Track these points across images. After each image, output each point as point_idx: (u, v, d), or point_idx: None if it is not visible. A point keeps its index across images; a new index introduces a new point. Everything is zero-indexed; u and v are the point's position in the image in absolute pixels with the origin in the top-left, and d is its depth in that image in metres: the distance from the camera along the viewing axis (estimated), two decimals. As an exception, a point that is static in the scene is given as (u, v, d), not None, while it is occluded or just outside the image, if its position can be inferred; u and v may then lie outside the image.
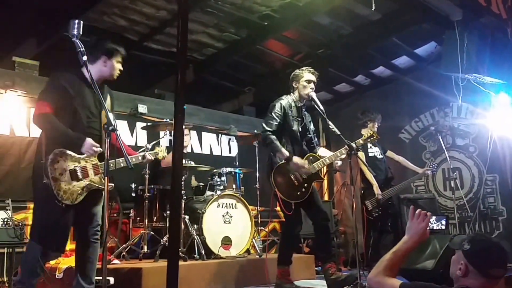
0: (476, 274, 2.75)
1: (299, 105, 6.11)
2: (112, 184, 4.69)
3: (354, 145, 5.75)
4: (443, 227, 6.39)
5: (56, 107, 4.36)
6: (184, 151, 7.70)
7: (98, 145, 4.42)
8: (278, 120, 5.90)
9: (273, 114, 5.91)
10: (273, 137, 5.80)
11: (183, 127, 2.48)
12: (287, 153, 5.77)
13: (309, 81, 6.04)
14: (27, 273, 4.36)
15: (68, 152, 4.32)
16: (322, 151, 6.18)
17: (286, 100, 6.04)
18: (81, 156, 4.39)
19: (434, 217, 7.03)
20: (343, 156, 5.87)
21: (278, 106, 5.96)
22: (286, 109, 5.96)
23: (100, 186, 4.48)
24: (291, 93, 6.16)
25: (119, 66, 4.75)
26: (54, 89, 4.42)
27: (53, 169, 4.23)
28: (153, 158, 5.19)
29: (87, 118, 4.48)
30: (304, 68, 6.22)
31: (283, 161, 5.81)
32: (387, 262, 2.98)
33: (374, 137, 6.17)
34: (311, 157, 5.94)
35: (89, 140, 4.37)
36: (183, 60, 2.55)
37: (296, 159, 5.77)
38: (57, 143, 4.32)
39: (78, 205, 4.38)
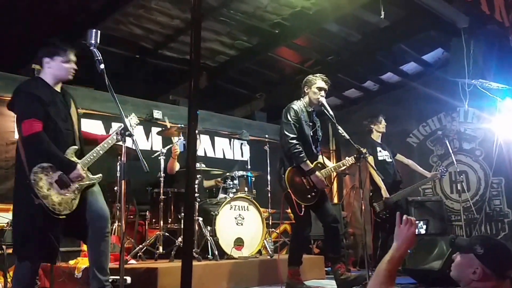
0: (491, 277, 2.76)
1: (310, 110, 6.17)
2: (101, 175, 4.61)
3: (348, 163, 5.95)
4: (424, 232, 6.48)
5: (41, 119, 4.29)
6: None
7: (84, 175, 4.41)
8: (297, 125, 5.96)
9: (290, 119, 5.96)
10: (299, 147, 5.85)
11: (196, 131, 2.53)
12: (311, 166, 5.87)
13: (320, 88, 6.08)
14: None
15: (46, 165, 4.27)
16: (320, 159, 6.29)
17: (297, 105, 6.09)
18: None
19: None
20: (347, 166, 6.01)
21: (292, 111, 6.01)
22: (299, 114, 6.02)
23: (91, 181, 4.51)
24: (301, 98, 6.22)
25: (68, 65, 4.53)
26: (31, 101, 4.31)
27: (39, 188, 4.17)
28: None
29: (63, 122, 4.45)
30: (318, 74, 6.24)
31: (294, 165, 5.92)
32: (385, 272, 2.88)
33: (362, 156, 6.20)
34: (319, 165, 6.05)
35: (78, 170, 4.37)
36: (196, 68, 2.62)
37: (318, 174, 5.88)
38: (39, 160, 4.27)
39: (81, 206, 4.40)
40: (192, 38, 2.61)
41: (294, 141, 5.87)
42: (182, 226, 6.64)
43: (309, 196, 5.91)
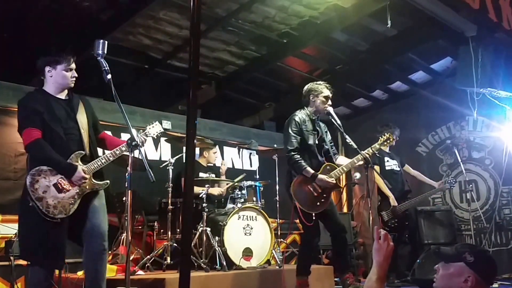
0: (482, 284, 2.79)
1: (314, 118, 6.18)
2: (108, 181, 4.62)
3: (371, 150, 5.92)
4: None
5: (38, 127, 4.38)
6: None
7: (87, 177, 4.43)
8: (298, 136, 5.97)
9: (290, 132, 5.98)
10: (297, 156, 5.87)
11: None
12: (312, 171, 5.85)
13: (327, 97, 6.12)
14: None
15: (45, 168, 4.35)
16: (341, 160, 6.28)
17: (299, 116, 6.11)
18: None
19: None
20: (361, 163, 5.95)
21: (294, 123, 6.03)
22: (301, 125, 6.03)
23: (94, 188, 4.51)
24: (305, 107, 6.23)
25: (69, 73, 4.58)
26: (28, 112, 4.43)
27: (34, 190, 4.25)
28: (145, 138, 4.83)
29: (62, 128, 4.47)
30: (321, 82, 6.28)
31: (299, 174, 5.92)
32: None
33: (391, 139, 6.25)
34: (328, 167, 6.02)
35: (79, 172, 4.39)
36: (195, 77, 2.62)
37: (321, 176, 5.86)
38: (40, 165, 4.37)
39: (76, 217, 4.39)
40: (190, 49, 2.61)
41: (292, 153, 5.90)
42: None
43: (318, 203, 5.89)
